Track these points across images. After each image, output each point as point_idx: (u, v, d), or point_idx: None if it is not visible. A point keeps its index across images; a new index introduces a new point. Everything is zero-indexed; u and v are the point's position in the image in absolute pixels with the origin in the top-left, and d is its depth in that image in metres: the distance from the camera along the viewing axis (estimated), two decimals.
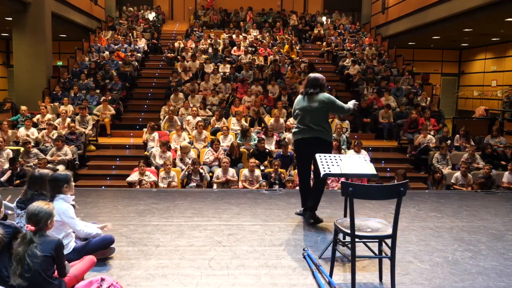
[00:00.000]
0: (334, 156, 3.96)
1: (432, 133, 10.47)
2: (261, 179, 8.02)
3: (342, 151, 9.22)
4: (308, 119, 4.65)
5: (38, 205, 2.92)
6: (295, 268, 3.60)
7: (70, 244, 3.53)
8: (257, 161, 8.38)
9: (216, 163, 8.76)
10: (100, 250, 3.63)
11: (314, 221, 4.76)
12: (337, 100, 4.76)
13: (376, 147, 11.17)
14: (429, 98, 13.09)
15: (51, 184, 3.57)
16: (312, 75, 4.84)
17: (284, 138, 9.78)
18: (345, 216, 3.94)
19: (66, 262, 3.07)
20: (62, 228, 3.45)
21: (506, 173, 8.25)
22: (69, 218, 3.46)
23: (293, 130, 4.88)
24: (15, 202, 3.64)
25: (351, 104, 4.90)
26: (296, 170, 8.45)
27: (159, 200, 5.83)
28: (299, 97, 4.84)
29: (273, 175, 7.98)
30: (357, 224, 3.17)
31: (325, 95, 4.70)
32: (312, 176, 4.93)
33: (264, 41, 16.72)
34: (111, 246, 3.74)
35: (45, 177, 3.60)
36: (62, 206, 3.46)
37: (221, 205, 5.62)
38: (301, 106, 4.73)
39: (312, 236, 4.40)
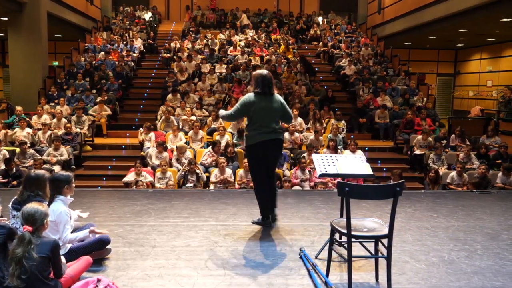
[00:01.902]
0: (331, 156, 3.97)
1: (429, 133, 10.47)
2: None
3: (339, 151, 9.23)
4: (271, 120, 4.41)
5: (33, 206, 2.92)
6: (292, 268, 3.60)
7: (67, 245, 3.52)
8: None
9: (214, 163, 8.76)
10: (96, 250, 3.62)
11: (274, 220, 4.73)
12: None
13: (372, 147, 11.19)
14: (425, 99, 13.14)
15: (52, 184, 3.55)
16: (265, 72, 4.50)
17: None
18: (341, 216, 3.94)
19: (63, 262, 3.06)
20: (57, 229, 3.44)
21: (499, 174, 8.24)
22: (61, 222, 3.44)
23: (253, 131, 4.42)
24: (11, 203, 3.62)
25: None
26: (292, 171, 8.50)
27: (155, 200, 5.82)
28: (254, 96, 4.41)
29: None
30: (354, 224, 3.17)
31: (279, 96, 4.59)
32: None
33: (260, 41, 16.73)
34: (107, 247, 3.73)
35: (41, 177, 3.58)
36: (59, 208, 3.45)
37: (217, 205, 5.61)
38: (262, 106, 4.37)
39: (309, 236, 4.40)
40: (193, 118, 10.69)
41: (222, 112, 4.84)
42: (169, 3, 21.60)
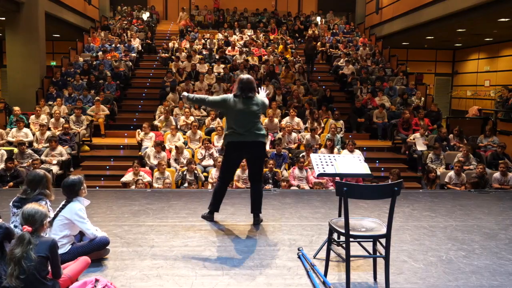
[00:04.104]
0: (329, 156, 3.98)
1: (426, 133, 10.49)
2: None
3: (336, 150, 9.23)
4: (249, 123, 4.54)
5: (33, 206, 2.93)
6: (290, 268, 3.60)
7: (67, 245, 3.53)
8: None
9: (211, 162, 8.75)
10: (94, 251, 3.62)
11: (258, 223, 4.77)
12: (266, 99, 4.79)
13: (370, 146, 11.20)
14: (423, 98, 13.15)
15: (69, 190, 3.63)
16: (245, 77, 4.64)
17: (279, 138, 9.80)
18: (339, 215, 3.95)
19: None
20: (66, 227, 3.52)
21: (498, 173, 8.23)
22: (80, 218, 3.54)
23: (228, 132, 4.62)
24: (11, 202, 3.65)
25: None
26: (289, 171, 8.49)
27: (153, 200, 5.82)
28: (232, 98, 4.59)
29: (270, 182, 7.96)
30: (352, 223, 3.18)
31: (259, 98, 4.68)
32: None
33: (259, 41, 16.73)
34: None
35: (44, 176, 3.67)
36: (76, 206, 3.56)
37: None
38: (239, 108, 4.53)
39: (307, 236, 4.40)
40: (192, 118, 10.66)
41: (188, 94, 4.76)
42: (167, 3, 21.60)
